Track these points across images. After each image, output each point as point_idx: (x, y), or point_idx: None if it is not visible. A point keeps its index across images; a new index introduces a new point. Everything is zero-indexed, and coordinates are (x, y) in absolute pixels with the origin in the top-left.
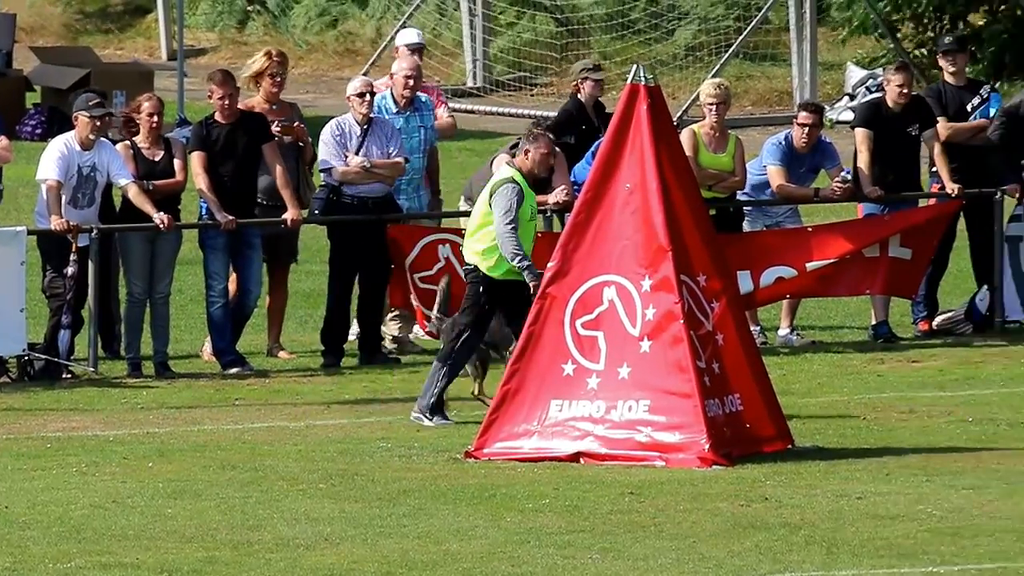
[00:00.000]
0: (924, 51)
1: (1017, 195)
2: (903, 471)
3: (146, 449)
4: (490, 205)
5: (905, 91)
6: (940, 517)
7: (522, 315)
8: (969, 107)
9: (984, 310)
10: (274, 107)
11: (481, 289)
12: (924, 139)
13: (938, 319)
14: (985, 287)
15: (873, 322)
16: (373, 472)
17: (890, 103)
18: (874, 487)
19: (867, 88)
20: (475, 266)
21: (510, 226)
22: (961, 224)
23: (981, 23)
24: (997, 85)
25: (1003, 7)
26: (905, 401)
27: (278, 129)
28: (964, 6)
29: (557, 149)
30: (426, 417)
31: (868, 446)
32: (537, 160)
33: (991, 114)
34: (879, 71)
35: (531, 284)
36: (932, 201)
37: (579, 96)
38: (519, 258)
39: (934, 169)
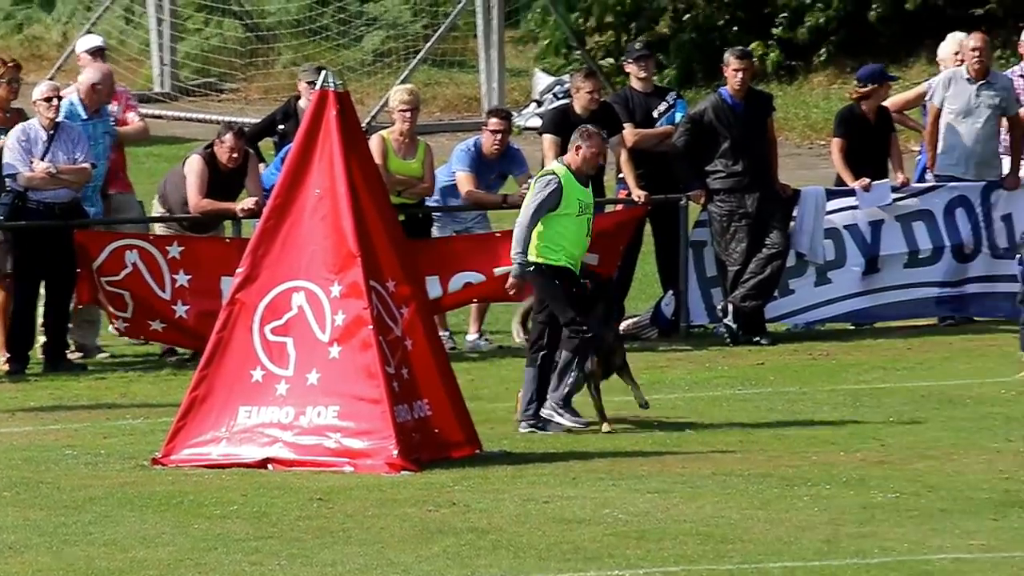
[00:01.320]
0: (611, 60)
1: (702, 201)
2: (589, 475)
3: None
4: None
5: (594, 97)
6: (625, 521)
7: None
8: (655, 113)
9: (669, 315)
10: (7, 114)
11: (556, 282)
12: (611, 145)
13: (624, 324)
14: (670, 292)
15: None
16: (59, 479)
17: (578, 109)
18: (560, 491)
19: (554, 94)
20: (533, 262)
21: (531, 220)
22: (647, 229)
23: (666, 31)
24: (683, 92)
25: (687, 16)
26: (591, 405)
27: None
28: (651, 15)
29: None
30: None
31: (555, 451)
32: (587, 158)
33: (677, 120)
34: (566, 77)
35: (510, 279)
36: (619, 207)
37: (300, 99)
38: (518, 250)
39: (621, 175)
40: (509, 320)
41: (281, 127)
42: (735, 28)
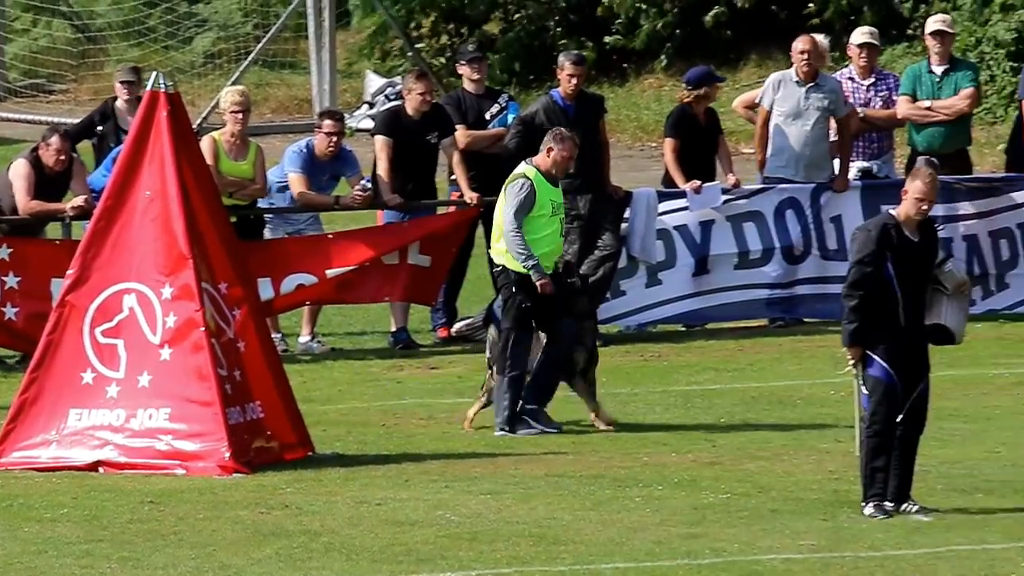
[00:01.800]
0: (442, 59)
1: None
2: (422, 477)
3: None
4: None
5: (426, 99)
6: (458, 523)
7: (567, 308)
8: (488, 115)
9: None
10: None
11: (514, 289)
12: (443, 147)
13: (457, 326)
14: None
15: (393, 329)
16: None
17: (410, 111)
18: (393, 493)
19: (386, 96)
20: (503, 266)
21: (516, 224)
22: (480, 231)
23: (497, 31)
24: (514, 93)
25: (518, 15)
26: (424, 408)
27: None
28: (482, 14)
29: (74, 159)
30: (508, 431)
31: (388, 452)
32: (558, 161)
33: (509, 122)
34: (398, 79)
35: (537, 283)
36: (451, 209)
37: (117, 100)
38: (524, 257)
39: (453, 177)
40: (342, 322)
41: (100, 128)
42: (559, 29)
